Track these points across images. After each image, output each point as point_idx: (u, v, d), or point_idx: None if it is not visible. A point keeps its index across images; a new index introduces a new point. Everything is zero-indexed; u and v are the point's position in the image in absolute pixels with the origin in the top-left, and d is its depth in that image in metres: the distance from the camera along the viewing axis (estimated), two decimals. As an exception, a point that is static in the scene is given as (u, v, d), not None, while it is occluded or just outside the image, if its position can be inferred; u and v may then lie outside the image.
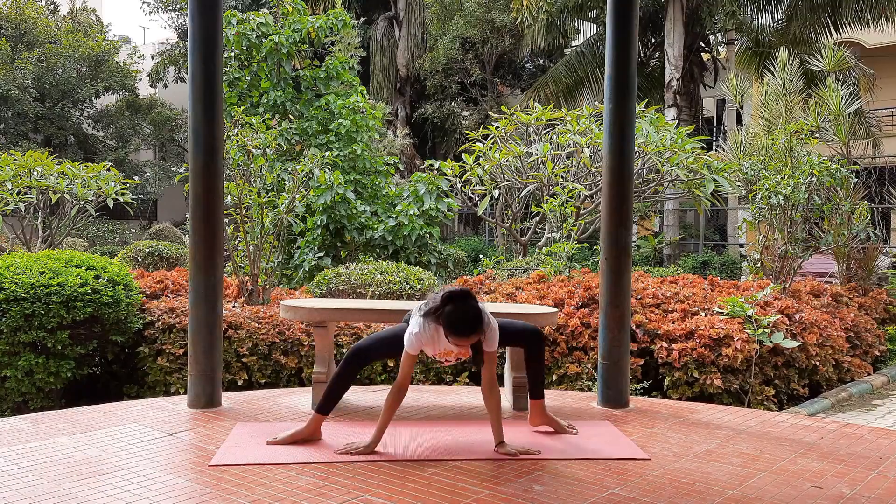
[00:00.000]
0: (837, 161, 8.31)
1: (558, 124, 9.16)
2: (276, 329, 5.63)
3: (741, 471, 3.22)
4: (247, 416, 4.04)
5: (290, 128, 11.55)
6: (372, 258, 9.42)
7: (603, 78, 6.55)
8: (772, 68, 10.76)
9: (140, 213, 24.76)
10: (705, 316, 5.84)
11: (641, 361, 5.42)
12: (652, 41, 18.35)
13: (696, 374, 5.28)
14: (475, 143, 9.58)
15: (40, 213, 8.47)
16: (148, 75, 26.36)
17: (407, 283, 6.95)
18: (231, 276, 7.13)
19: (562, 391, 5.06)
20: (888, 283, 8.92)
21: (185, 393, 4.30)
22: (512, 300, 6.26)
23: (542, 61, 24.59)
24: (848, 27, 15.77)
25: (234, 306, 6.21)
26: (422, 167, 12.47)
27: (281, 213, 6.98)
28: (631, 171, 4.37)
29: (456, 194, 10.52)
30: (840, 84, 10.74)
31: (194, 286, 4.14)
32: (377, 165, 11.81)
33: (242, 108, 10.27)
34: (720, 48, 17.92)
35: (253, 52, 12.14)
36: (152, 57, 27.32)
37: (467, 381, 5.55)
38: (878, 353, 7.13)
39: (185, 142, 25.34)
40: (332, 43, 12.96)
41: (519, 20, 16.73)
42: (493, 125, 9.65)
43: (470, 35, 22.16)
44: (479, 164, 9.31)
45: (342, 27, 12.47)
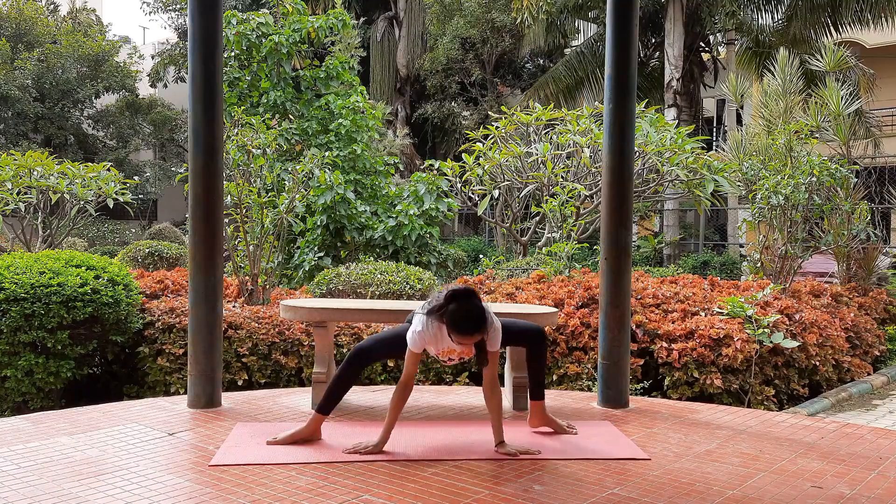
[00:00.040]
0: (837, 161, 8.31)
1: (558, 124, 9.16)
2: (276, 329, 5.63)
3: (741, 471, 3.22)
4: (247, 416, 4.04)
5: (290, 128, 11.55)
6: (372, 258, 9.42)
7: (603, 78, 6.55)
8: (772, 68, 10.76)
9: (140, 213, 24.76)
10: (705, 316, 5.84)
11: (641, 361, 5.42)
12: (652, 41, 18.35)
13: (696, 374, 5.29)
14: (475, 143, 9.57)
15: (40, 213, 8.47)
16: (148, 75, 26.37)
17: (407, 283, 6.95)
18: (231, 276, 7.14)
19: (562, 391, 5.06)
20: (888, 283, 8.92)
21: (185, 393, 4.30)
22: (512, 300, 6.26)
23: (542, 61, 24.59)
24: (848, 27, 15.78)
25: (234, 306, 6.21)
26: (422, 167, 12.47)
27: (281, 213, 6.98)
28: (631, 171, 4.37)
29: (456, 194, 10.52)
30: (840, 84, 10.74)
31: (194, 286, 4.14)
32: (377, 165, 11.81)
33: (242, 108, 10.27)
34: (720, 48, 17.92)
35: (253, 52, 12.14)
36: (152, 57, 27.32)
37: (467, 381, 5.55)
38: (878, 353, 7.13)
39: (185, 142, 25.34)
40: (332, 43, 12.96)
41: (519, 20, 16.73)
42: (493, 125, 9.65)
43: (470, 35, 22.16)
44: (479, 164, 9.31)
45: (342, 27, 12.48)
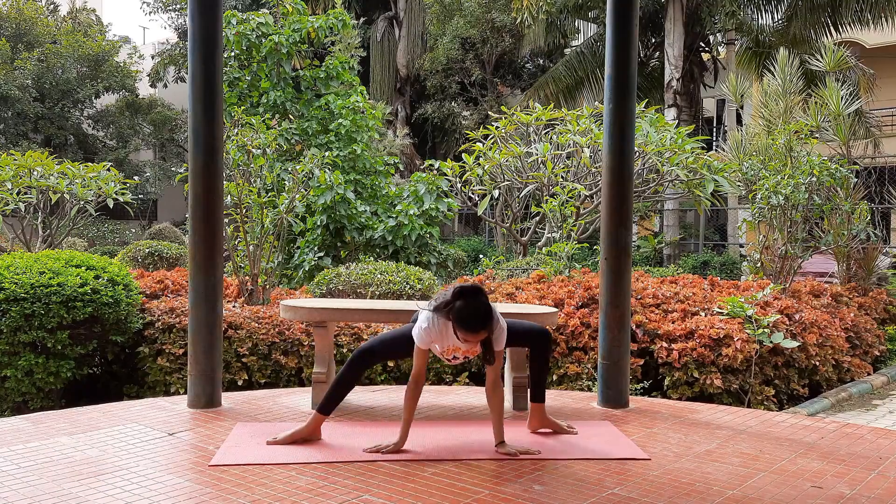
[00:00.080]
0: (837, 161, 8.31)
1: (558, 124, 9.16)
2: (276, 329, 5.63)
3: (741, 471, 3.22)
4: (247, 416, 4.04)
5: (290, 128, 11.55)
6: (372, 258, 9.42)
7: (603, 78, 6.55)
8: (772, 68, 10.76)
9: (140, 213, 24.77)
10: (705, 316, 5.84)
11: (641, 361, 5.42)
12: (652, 41, 18.35)
13: (696, 374, 5.28)
14: (475, 143, 9.57)
15: (40, 213, 8.47)
16: (148, 75, 26.37)
17: (407, 283, 6.95)
18: (231, 276, 7.13)
19: (562, 391, 5.06)
20: (888, 283, 8.92)
21: (185, 393, 4.30)
22: (512, 300, 6.26)
23: (542, 61, 24.59)
24: (848, 27, 15.78)
25: (234, 306, 6.21)
26: (422, 167, 12.47)
27: (281, 213, 6.98)
28: (631, 171, 4.37)
29: (456, 194, 10.52)
30: (840, 84, 10.74)
31: (194, 286, 4.14)
32: (377, 165, 11.81)
33: (242, 108, 10.27)
34: (720, 48, 17.92)
35: (253, 52, 12.14)
36: (152, 57, 27.32)
37: (467, 381, 5.55)
38: (878, 353, 7.13)
39: (185, 142, 25.34)
40: (332, 43, 12.96)
41: (519, 20, 16.72)
42: (493, 125, 9.65)
43: (470, 35, 22.16)
44: (479, 164, 9.31)
45: (342, 27, 12.48)
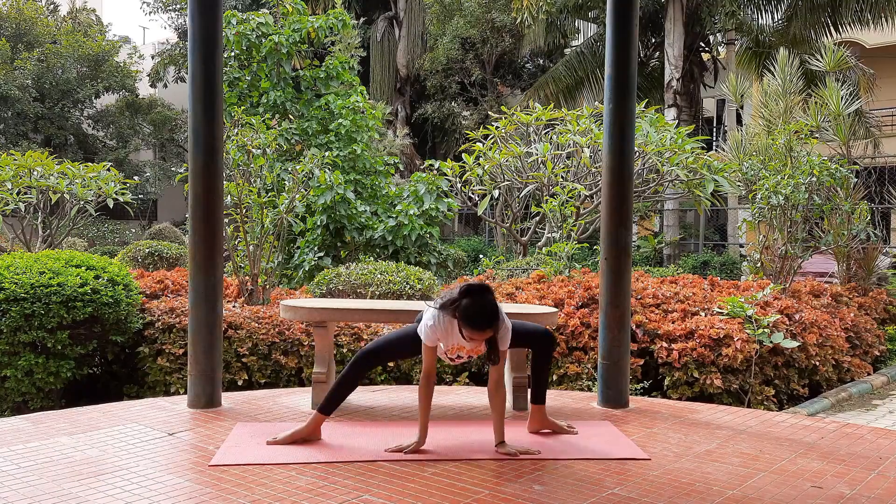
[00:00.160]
0: (837, 161, 8.31)
1: (558, 124, 9.16)
2: (276, 329, 5.63)
3: (741, 471, 3.22)
4: (247, 416, 4.04)
5: (290, 128, 11.55)
6: (372, 258, 9.42)
7: (603, 78, 6.55)
8: (772, 68, 10.76)
9: (140, 213, 24.76)
10: (705, 316, 5.84)
11: (641, 361, 5.42)
12: (652, 41, 18.35)
13: (696, 374, 5.28)
14: (475, 143, 9.57)
15: (40, 213, 8.47)
16: (148, 75, 26.36)
17: (407, 283, 6.95)
18: (231, 276, 7.13)
19: (562, 391, 5.06)
20: (888, 283, 8.92)
21: (185, 393, 4.30)
22: (512, 300, 6.26)
23: (542, 61, 24.59)
24: (848, 27, 15.78)
25: (234, 306, 6.21)
26: (422, 167, 12.47)
27: (281, 213, 6.98)
28: (631, 171, 4.37)
29: (456, 194, 10.52)
30: (840, 84, 10.74)
31: (194, 286, 4.14)
32: (377, 165, 11.81)
33: (242, 108, 10.27)
34: (720, 48, 17.92)
35: (253, 52, 12.14)
36: (152, 57, 27.32)
37: (467, 381, 5.54)
38: (878, 353, 7.13)
39: (185, 142, 25.33)
40: (332, 43, 12.96)
41: (519, 20, 16.72)
42: (493, 125, 9.65)
43: (470, 35, 22.16)
44: (479, 164, 9.31)
45: (342, 27, 12.48)
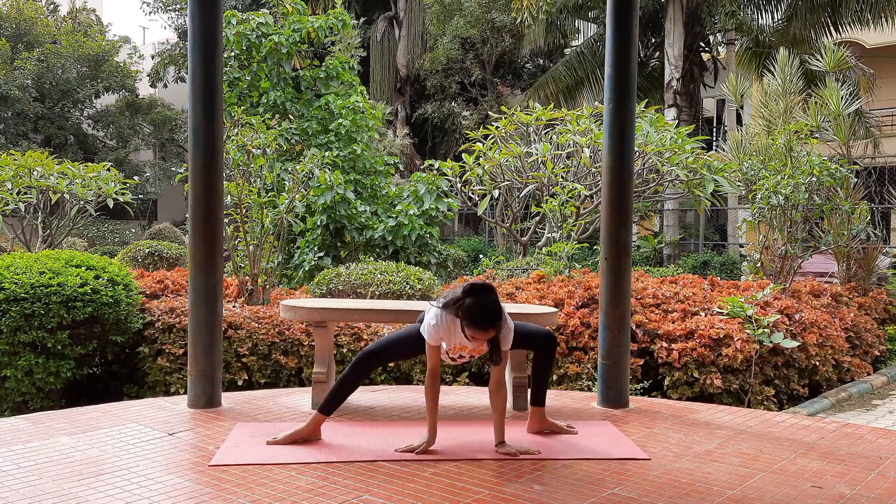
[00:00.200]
0: (837, 161, 8.31)
1: (558, 124, 9.16)
2: (276, 329, 5.63)
3: (741, 471, 3.22)
4: (247, 416, 4.04)
5: (290, 128, 11.55)
6: (372, 258, 9.42)
7: (603, 78, 6.55)
8: (772, 68, 10.76)
9: (140, 213, 24.76)
10: (705, 316, 5.84)
11: (641, 361, 5.42)
12: (652, 41, 18.34)
13: (696, 374, 5.28)
14: (475, 143, 9.57)
15: (40, 213, 8.47)
16: (148, 75, 26.36)
17: (407, 283, 6.95)
18: (231, 276, 7.13)
19: (562, 391, 5.06)
20: (888, 283, 8.92)
21: (185, 393, 4.30)
22: (512, 300, 6.26)
23: (542, 61, 24.59)
24: (848, 27, 15.78)
25: (234, 306, 6.21)
26: (422, 167, 12.47)
27: (281, 213, 6.98)
28: (631, 171, 4.37)
29: (456, 194, 10.52)
30: (840, 84, 10.74)
31: (194, 286, 4.14)
32: (377, 165, 11.81)
33: (242, 108, 10.27)
34: (720, 48, 17.91)
35: (253, 52, 12.14)
36: (152, 57, 27.31)
37: (467, 381, 5.54)
38: (878, 353, 7.13)
39: (185, 142, 25.33)
40: (332, 43, 12.96)
41: (519, 20, 16.72)
42: (493, 125, 9.65)
43: (470, 35, 22.16)
44: (479, 164, 9.31)
45: (342, 27, 12.48)
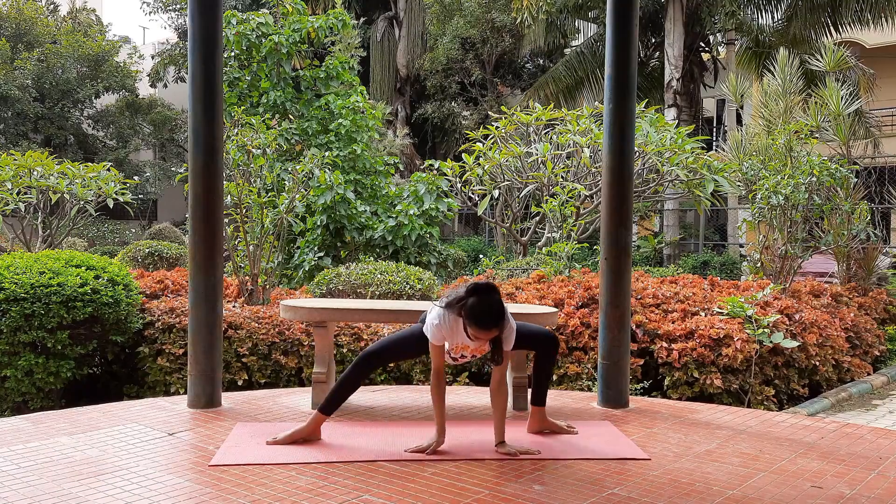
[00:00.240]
0: (837, 161, 8.31)
1: (558, 124, 9.16)
2: (276, 329, 5.63)
3: (741, 471, 3.22)
4: (247, 416, 4.04)
5: (290, 128, 11.55)
6: (372, 258, 9.42)
7: (603, 78, 6.55)
8: (772, 68, 10.76)
9: (140, 213, 24.76)
10: (705, 316, 5.84)
11: (641, 361, 5.42)
12: (652, 41, 18.34)
13: (696, 374, 5.28)
14: (475, 143, 9.57)
15: (40, 213, 8.47)
16: (148, 75, 26.35)
17: (407, 283, 6.95)
18: (231, 276, 7.13)
19: (562, 391, 5.06)
20: (888, 283, 8.92)
21: (185, 393, 4.30)
22: (512, 300, 6.25)
23: (542, 61, 24.58)
24: (848, 27, 15.78)
25: (234, 306, 6.21)
26: (422, 167, 12.47)
27: (281, 213, 6.98)
28: (631, 171, 4.37)
29: (456, 194, 10.52)
30: (840, 84, 10.74)
31: (194, 286, 4.14)
32: (377, 165, 11.81)
33: (242, 108, 10.27)
34: (720, 48, 17.91)
35: (253, 52, 12.14)
36: (152, 57, 27.31)
37: (467, 381, 5.54)
38: (878, 353, 7.13)
39: (185, 142, 25.33)
40: (332, 43, 12.96)
41: (519, 20, 16.72)
42: (493, 125, 9.65)
43: (470, 35, 22.15)
44: (479, 164, 9.31)
45: (342, 27, 12.48)
